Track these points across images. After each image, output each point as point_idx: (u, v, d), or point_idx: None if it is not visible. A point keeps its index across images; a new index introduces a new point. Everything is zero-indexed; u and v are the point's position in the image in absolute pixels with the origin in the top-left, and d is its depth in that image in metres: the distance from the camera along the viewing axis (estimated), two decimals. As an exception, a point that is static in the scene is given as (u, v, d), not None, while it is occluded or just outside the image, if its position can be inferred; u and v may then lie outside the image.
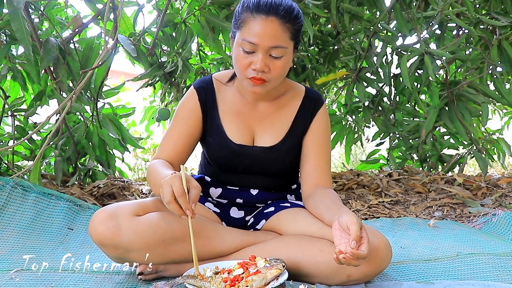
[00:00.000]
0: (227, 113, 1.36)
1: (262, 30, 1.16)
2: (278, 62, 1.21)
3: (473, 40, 2.96)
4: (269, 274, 1.02)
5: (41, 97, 2.41)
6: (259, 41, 1.17)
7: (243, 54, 1.20)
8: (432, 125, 2.79)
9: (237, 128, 1.34)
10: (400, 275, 1.27)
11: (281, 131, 1.35)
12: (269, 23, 1.16)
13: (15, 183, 1.77)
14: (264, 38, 1.16)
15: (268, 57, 1.19)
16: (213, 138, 1.36)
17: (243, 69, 1.22)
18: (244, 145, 1.34)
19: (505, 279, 1.22)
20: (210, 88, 1.37)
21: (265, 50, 1.18)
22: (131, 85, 3.18)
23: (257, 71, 1.19)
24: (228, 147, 1.34)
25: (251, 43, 1.17)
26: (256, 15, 1.17)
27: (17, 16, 1.85)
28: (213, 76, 1.40)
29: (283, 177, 1.43)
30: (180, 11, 2.69)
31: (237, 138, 1.34)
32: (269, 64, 1.20)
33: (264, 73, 1.21)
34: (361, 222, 1.04)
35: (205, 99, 1.36)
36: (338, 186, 2.62)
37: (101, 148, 2.61)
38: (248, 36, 1.18)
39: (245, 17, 1.19)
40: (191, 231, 1.06)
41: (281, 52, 1.20)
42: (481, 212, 2.05)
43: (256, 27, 1.17)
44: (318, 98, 1.39)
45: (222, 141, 1.34)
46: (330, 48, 3.16)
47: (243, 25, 1.20)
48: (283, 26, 1.18)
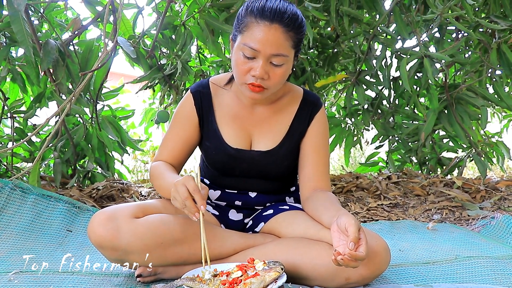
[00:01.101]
0: (224, 117, 1.35)
1: (265, 37, 1.15)
2: (278, 70, 1.20)
3: (473, 43, 2.96)
4: (268, 277, 1.02)
5: (40, 99, 2.41)
6: (261, 48, 1.16)
7: (243, 59, 1.19)
8: (431, 128, 2.79)
9: (234, 132, 1.34)
10: (399, 278, 1.27)
11: (279, 135, 1.35)
12: (273, 30, 1.15)
13: (14, 185, 1.77)
14: (266, 45, 1.15)
15: (269, 64, 1.18)
16: (210, 142, 1.36)
17: (242, 74, 1.21)
18: (241, 149, 1.34)
19: (504, 282, 1.22)
20: (207, 92, 1.37)
21: (266, 57, 1.17)
22: (130, 87, 3.19)
23: (256, 77, 1.18)
24: (225, 151, 1.34)
25: (253, 49, 1.16)
26: (260, 21, 1.16)
27: (18, 18, 1.85)
28: (210, 80, 1.40)
29: (282, 180, 1.43)
30: (180, 13, 2.70)
31: (234, 142, 1.34)
32: (269, 71, 1.19)
33: (263, 80, 1.20)
34: (359, 224, 1.04)
35: (201, 104, 1.36)
36: (337, 189, 2.62)
37: (100, 150, 2.61)
38: (250, 41, 1.16)
39: (249, 21, 1.18)
40: (202, 227, 1.09)
41: (282, 60, 1.19)
42: (480, 215, 2.05)
43: (259, 33, 1.15)
44: (316, 101, 1.39)
45: (219, 145, 1.34)
46: (329, 51, 3.17)
47: (245, 30, 1.18)
48: (286, 35, 1.17)
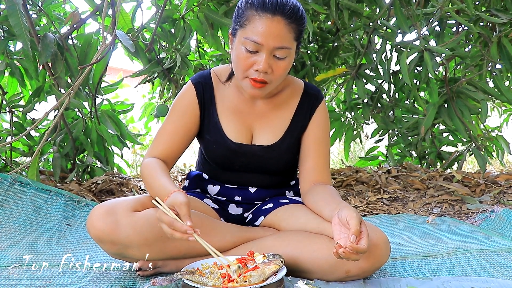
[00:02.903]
0: (225, 110, 1.34)
1: (268, 29, 1.13)
2: (281, 63, 1.18)
3: (473, 37, 2.95)
4: (268, 270, 1.02)
5: (39, 93, 2.40)
6: (264, 41, 1.13)
7: (245, 53, 1.16)
8: (431, 122, 2.78)
9: (235, 126, 1.33)
10: (399, 271, 1.27)
11: (280, 129, 1.34)
12: (275, 22, 1.13)
13: (13, 179, 1.76)
14: (269, 38, 1.13)
15: (272, 57, 1.16)
16: (211, 136, 1.34)
17: (245, 69, 1.18)
18: (242, 143, 1.32)
19: (503, 275, 1.23)
20: (209, 84, 1.35)
21: (270, 50, 1.15)
22: (129, 81, 3.18)
23: (260, 71, 1.16)
24: (225, 145, 1.32)
25: (256, 43, 1.14)
26: (262, 13, 1.13)
27: (15, 12, 1.84)
28: (212, 71, 1.38)
29: (282, 174, 1.43)
30: (179, 7, 2.68)
31: (235, 136, 1.32)
32: (272, 65, 1.17)
33: (267, 74, 1.18)
34: (360, 216, 1.04)
35: (203, 95, 1.33)
36: (337, 183, 2.62)
37: (99, 144, 2.61)
38: (253, 35, 1.14)
39: (249, 14, 1.15)
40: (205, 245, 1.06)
41: (286, 53, 1.17)
42: (480, 209, 2.05)
43: (262, 26, 1.13)
44: (317, 94, 1.37)
45: (220, 139, 1.32)
46: (329, 45, 3.16)
47: (246, 23, 1.16)
48: (289, 27, 1.15)
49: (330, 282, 1.13)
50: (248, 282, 0.99)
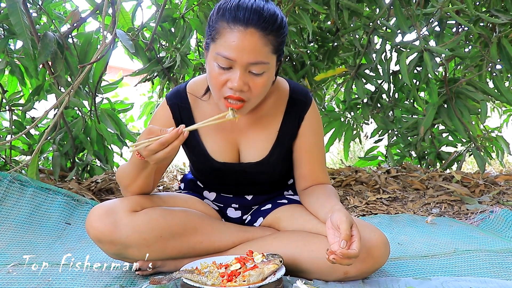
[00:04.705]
0: (207, 129, 1.24)
1: (241, 43, 1.01)
2: (259, 79, 1.06)
3: (473, 37, 2.95)
4: (266, 269, 1.02)
5: (39, 92, 2.40)
6: (236, 57, 1.02)
7: (218, 70, 1.05)
8: (430, 122, 2.78)
9: (219, 146, 1.24)
10: (398, 271, 1.27)
11: (268, 142, 1.24)
12: (248, 35, 1.01)
13: (12, 178, 1.76)
14: (242, 53, 1.02)
15: (248, 74, 1.05)
16: (196, 157, 1.28)
17: (219, 87, 1.07)
18: (229, 163, 1.25)
19: (502, 275, 1.23)
20: (185, 104, 1.24)
21: (244, 66, 1.04)
22: (129, 80, 3.17)
23: (235, 90, 1.05)
24: (212, 166, 1.26)
25: (228, 59, 1.03)
26: (233, 26, 1.02)
27: (16, 10, 1.84)
28: (188, 89, 1.25)
29: (278, 180, 1.40)
30: (179, 6, 2.68)
31: (220, 156, 1.24)
32: (248, 82, 1.06)
33: (243, 92, 1.06)
34: (352, 219, 1.02)
35: (180, 117, 1.23)
36: (336, 183, 2.62)
37: (99, 143, 2.61)
38: (224, 50, 1.03)
39: (220, 27, 1.04)
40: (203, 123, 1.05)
41: (262, 68, 1.05)
42: (479, 209, 2.06)
43: (233, 40, 1.01)
44: (304, 98, 1.25)
45: (205, 160, 1.25)
46: (329, 44, 3.15)
47: (217, 37, 1.04)
48: (265, 39, 1.03)
49: (329, 282, 1.13)
50: (247, 281, 0.99)
